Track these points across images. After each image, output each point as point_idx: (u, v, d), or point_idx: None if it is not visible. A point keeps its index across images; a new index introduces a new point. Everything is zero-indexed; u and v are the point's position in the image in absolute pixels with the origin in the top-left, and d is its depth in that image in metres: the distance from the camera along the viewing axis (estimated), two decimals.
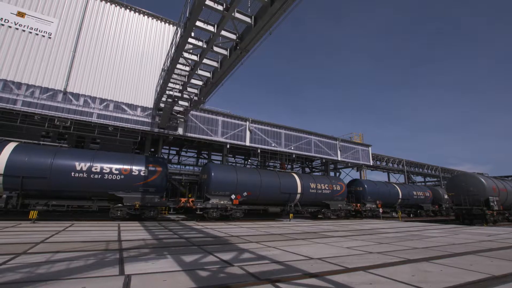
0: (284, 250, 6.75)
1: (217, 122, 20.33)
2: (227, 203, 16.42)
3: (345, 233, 11.08)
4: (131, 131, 17.35)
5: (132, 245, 6.89)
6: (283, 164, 24.64)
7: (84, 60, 16.57)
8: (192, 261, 5.27)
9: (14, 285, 3.55)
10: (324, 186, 20.98)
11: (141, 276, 4.16)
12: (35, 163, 12.31)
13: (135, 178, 14.17)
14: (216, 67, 11.15)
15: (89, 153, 14.05)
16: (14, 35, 15.00)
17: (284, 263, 5.30)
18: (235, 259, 5.58)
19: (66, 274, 4.11)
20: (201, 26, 8.63)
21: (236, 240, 8.42)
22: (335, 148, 26.76)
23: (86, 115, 15.92)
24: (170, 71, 11.60)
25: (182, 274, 4.34)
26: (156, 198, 14.69)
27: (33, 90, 14.88)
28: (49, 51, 15.69)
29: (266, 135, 22.52)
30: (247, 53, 9.38)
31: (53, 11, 16.24)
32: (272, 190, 18.30)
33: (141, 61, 18.45)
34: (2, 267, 4.36)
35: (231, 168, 17.97)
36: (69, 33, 16.43)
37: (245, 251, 6.56)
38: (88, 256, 5.43)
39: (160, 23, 19.82)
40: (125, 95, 17.32)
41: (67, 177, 12.76)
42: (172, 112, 16.17)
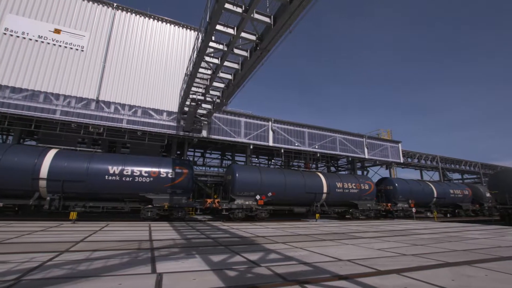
0: (311, 251, 6.62)
1: (239, 124, 20.52)
2: (252, 204, 16.49)
3: (375, 234, 10.63)
4: (158, 135, 18.07)
5: (162, 244, 7.15)
6: (307, 164, 24.23)
7: (113, 70, 17.56)
8: (220, 261, 5.35)
9: (59, 280, 3.83)
10: (351, 185, 20.32)
11: (172, 275, 4.29)
12: (73, 168, 13.26)
13: (163, 180, 14.72)
14: (237, 69, 11.24)
15: (121, 157, 14.84)
16: (52, 50, 16.30)
17: (311, 264, 5.19)
18: (262, 260, 5.57)
19: (104, 271, 4.36)
20: (221, 29, 8.74)
21: (262, 240, 8.41)
22: (362, 146, 25.81)
23: (117, 121, 16.84)
24: (193, 75, 11.90)
25: (210, 274, 4.41)
26: (183, 199, 15.15)
27: (69, 100, 16.04)
28: (82, 63, 16.83)
29: (289, 135, 22.31)
30: (267, 53, 9.35)
31: (85, 25, 17.40)
32: (297, 190, 18.08)
33: (165, 68, 19.16)
34: (48, 264, 4.72)
35: (255, 168, 18.04)
36: (99, 45, 17.51)
37: (271, 251, 6.53)
38: (122, 254, 5.72)
39: (182, 30, 20.44)
40: (152, 100, 18.08)
41: (102, 180, 13.58)
42: (196, 115, 16.58)
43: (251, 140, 20.63)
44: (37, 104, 15.33)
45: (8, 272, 4.15)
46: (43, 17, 16.51)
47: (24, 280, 3.79)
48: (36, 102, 15.34)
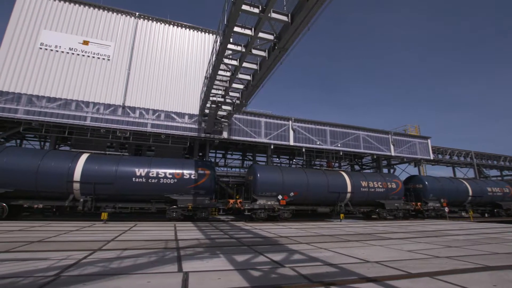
0: (336, 252, 6.45)
1: (260, 124, 20.54)
2: (274, 204, 16.43)
3: (404, 235, 10.15)
4: (180, 137, 18.59)
5: (187, 244, 7.32)
6: (330, 163, 23.71)
7: (137, 76, 18.35)
8: (243, 261, 5.37)
9: (93, 277, 4.04)
10: (377, 184, 19.58)
11: (198, 274, 4.37)
12: (103, 171, 14.00)
13: (187, 181, 15.10)
14: (256, 69, 11.26)
15: (146, 160, 15.45)
16: (81, 61, 17.36)
17: (337, 266, 5.05)
18: (286, 260, 5.52)
19: (134, 270, 4.54)
20: (239, 31, 8.79)
21: (285, 241, 8.34)
22: (387, 143, 24.78)
23: (142, 126, 17.56)
24: (212, 78, 12.10)
25: (235, 273, 4.44)
26: (206, 199, 15.44)
27: (98, 107, 16.99)
28: (109, 71, 17.76)
29: (310, 133, 21.97)
30: (285, 52, 9.27)
31: (110, 35, 18.36)
32: (320, 190, 17.74)
33: (186, 72, 19.67)
34: (83, 261, 5.01)
35: (276, 168, 17.96)
36: (123, 54, 18.38)
37: (295, 252, 6.45)
38: (150, 253, 5.93)
39: (200, 34, 20.88)
40: (174, 104, 18.65)
41: (129, 182, 14.21)
42: (217, 117, 16.84)
43: (271, 140, 20.58)
44: (70, 112, 16.40)
45: (49, 268, 4.46)
46: (73, 30, 17.64)
47: (62, 276, 4.05)
48: (69, 110, 16.41)
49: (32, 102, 15.90)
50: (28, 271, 4.30)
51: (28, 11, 17.04)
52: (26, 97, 15.86)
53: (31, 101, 15.89)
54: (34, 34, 16.85)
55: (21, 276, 3.98)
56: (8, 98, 15.55)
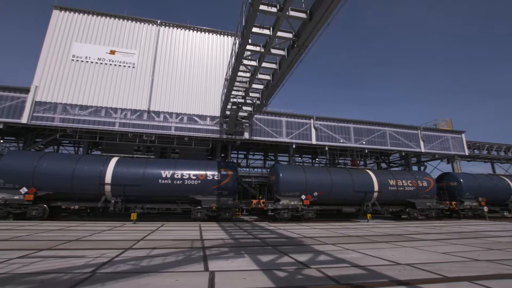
0: (364, 254, 6.22)
1: (281, 123, 20.42)
2: (298, 204, 16.24)
3: (438, 236, 9.57)
4: (203, 139, 18.99)
5: (212, 244, 7.44)
6: (355, 161, 22.96)
7: (160, 81, 19.02)
8: (268, 261, 5.35)
9: (125, 274, 4.24)
10: (407, 182, 18.66)
11: (223, 273, 4.42)
12: (132, 173, 14.67)
13: (210, 182, 15.39)
14: (275, 69, 11.21)
15: (171, 162, 15.95)
16: (109, 69, 18.35)
17: (365, 268, 4.87)
18: (311, 261, 5.42)
19: (162, 268, 4.70)
20: (257, 31, 8.80)
21: (310, 241, 8.20)
22: (417, 139, 23.52)
23: (166, 129, 18.17)
24: (232, 79, 12.22)
25: (260, 274, 4.43)
26: (229, 200, 15.62)
27: (125, 112, 17.84)
28: (134, 78, 18.59)
29: (333, 131, 21.45)
30: (305, 49, 9.13)
31: (134, 44, 19.22)
32: (345, 189, 17.26)
33: (206, 75, 20.06)
34: (116, 259, 5.27)
35: (299, 168, 17.75)
36: (147, 60, 19.15)
37: (321, 253, 6.32)
38: (177, 252, 6.10)
39: (219, 37, 21.20)
40: (196, 107, 19.10)
41: (156, 183, 14.75)
42: (238, 118, 16.99)
43: (293, 139, 20.37)
44: (100, 118, 17.39)
45: (85, 265, 4.75)
46: (101, 41, 18.70)
47: (98, 273, 4.29)
48: (99, 116, 17.40)
49: (66, 111, 17.06)
50: (67, 267, 4.60)
51: (61, 26, 18.33)
52: (61, 106, 17.06)
53: (65, 110, 17.06)
54: (66, 47, 18.09)
55: (62, 272, 4.27)
56: (46, 108, 16.83)
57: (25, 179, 13.58)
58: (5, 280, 3.83)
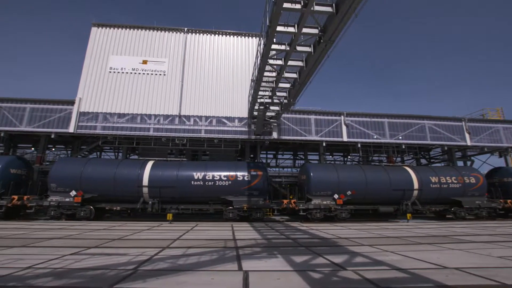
0: (405, 256, 5.83)
1: (309, 121, 20.04)
2: (331, 203, 15.77)
3: (491, 238, 8.65)
4: (232, 141, 19.33)
5: (245, 244, 7.50)
6: (391, 157, 21.70)
7: (189, 86, 19.75)
8: (302, 262, 5.24)
9: (164, 272, 4.43)
10: (451, 179, 17.19)
11: (257, 273, 4.41)
12: (166, 176, 15.38)
13: (240, 183, 15.57)
14: (302, 66, 11.01)
15: (202, 164, 16.45)
16: (142, 78, 19.49)
17: (407, 271, 4.55)
18: (347, 263, 5.21)
19: (198, 267, 4.83)
20: (282, 30, 8.71)
21: (345, 242, 7.90)
22: (461, 131, 21.57)
23: (197, 132, 18.80)
24: (259, 80, 12.25)
25: (294, 274, 4.36)
26: (260, 200, 15.67)
27: (158, 118, 18.79)
28: (165, 85, 19.53)
29: (366, 127, 20.52)
30: (332, 44, 8.83)
31: (164, 53, 20.21)
32: (381, 187, 16.39)
33: (233, 77, 20.39)
34: (155, 257, 5.54)
35: (330, 166, 17.24)
36: (176, 67, 20.01)
37: (357, 254, 6.04)
38: (212, 252, 6.24)
39: (244, 38, 21.43)
40: (224, 109, 19.50)
41: (189, 185, 15.30)
42: (265, 118, 17.00)
43: (323, 137, 19.87)
44: (136, 124, 18.53)
45: (128, 262, 5.05)
46: (134, 52, 19.96)
47: (139, 270, 4.54)
48: (135, 123, 18.55)
49: (106, 119, 18.44)
50: (112, 264, 4.94)
51: (99, 42, 19.90)
52: (102, 115, 18.47)
53: (106, 118, 18.45)
54: (104, 60, 19.58)
55: (108, 268, 4.59)
56: (89, 117, 18.35)
57: (74, 183, 14.91)
58: (61, 274, 4.21)
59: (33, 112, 18.40)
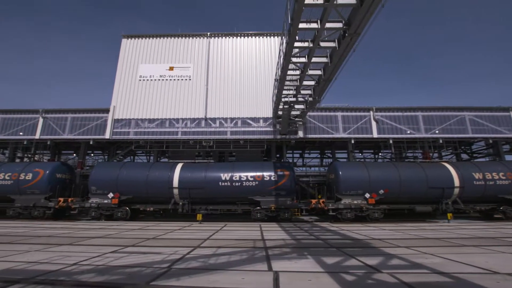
0: (447, 259, 5.41)
1: (336, 119, 19.48)
2: (362, 203, 15.16)
3: None
4: (257, 141, 19.38)
5: (274, 244, 7.46)
6: (426, 153, 20.29)
7: (214, 89, 20.18)
8: (333, 263, 5.08)
9: (196, 270, 4.55)
10: (498, 175, 15.67)
11: (287, 274, 4.36)
12: (195, 177, 15.82)
13: (267, 183, 15.55)
14: (326, 62, 10.72)
15: (229, 165, 16.68)
16: (169, 84, 20.31)
17: (451, 275, 4.21)
18: (382, 265, 4.95)
19: (228, 266, 4.89)
20: (304, 26, 8.54)
21: (379, 243, 7.53)
22: (508, 122, 19.57)
23: (222, 134, 19.15)
24: (282, 79, 12.14)
25: (325, 276, 4.24)
26: (288, 200, 15.52)
27: (186, 122, 19.44)
28: (191, 89, 20.16)
29: (398, 122, 19.45)
30: (358, 37, 8.49)
31: (189, 58, 20.90)
32: (416, 185, 15.40)
33: (256, 77, 20.47)
34: (187, 256, 5.72)
35: (360, 164, 16.58)
36: (201, 71, 20.57)
37: (393, 256, 5.73)
38: (241, 252, 6.29)
39: (266, 38, 21.43)
40: (248, 110, 19.65)
41: (217, 186, 15.59)
42: (290, 117, 16.82)
43: (351, 134, 19.20)
44: (165, 129, 19.36)
45: (162, 261, 5.27)
46: (161, 60, 20.88)
47: (173, 268, 4.71)
48: (164, 127, 19.38)
49: (138, 125, 19.47)
50: (148, 262, 5.18)
51: (129, 52, 21.12)
52: (134, 121, 19.55)
53: (137, 124, 19.49)
54: (134, 69, 20.71)
55: (144, 266, 4.82)
56: (122, 124, 19.52)
57: (111, 185, 15.92)
58: (103, 271, 4.51)
59: (73, 121, 20.03)
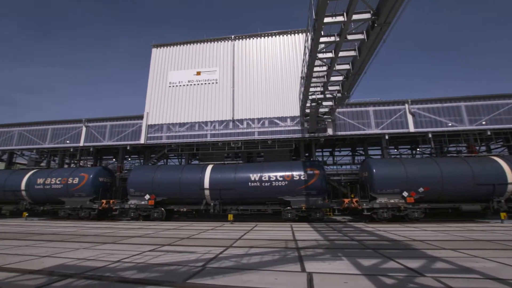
0: (502, 263, 4.88)
1: (367, 114, 18.62)
2: (399, 202, 14.31)
3: None
4: (285, 140, 19.21)
5: (306, 244, 7.32)
6: (472, 147, 18.54)
7: (240, 91, 20.40)
8: (371, 266, 4.84)
9: (229, 270, 4.60)
10: None
11: (321, 275, 4.24)
12: (225, 178, 16.12)
13: (297, 183, 15.33)
14: (355, 56, 10.29)
15: (258, 165, 16.74)
16: (197, 89, 20.95)
17: (509, 282, 3.78)
18: (425, 268, 4.61)
19: (261, 266, 4.88)
20: (330, 21, 8.29)
21: (420, 245, 7.03)
22: None
23: (250, 135, 19.28)
24: (309, 76, 11.90)
25: (363, 279, 4.04)
26: (319, 200, 15.16)
27: (214, 124, 19.89)
28: (218, 92, 20.60)
29: (437, 114, 18.05)
30: (388, 26, 8.03)
31: (215, 62, 21.38)
32: (461, 182, 14.15)
33: (282, 76, 20.31)
34: (220, 256, 5.82)
35: (395, 161, 15.66)
36: (227, 74, 20.93)
37: (437, 259, 5.30)
38: (273, 252, 6.26)
39: (290, 36, 21.18)
40: (275, 110, 19.56)
41: (246, 186, 15.73)
42: (318, 115, 16.42)
43: (384, 129, 18.23)
44: (195, 132, 19.99)
45: (197, 260, 5.42)
46: (189, 65, 21.63)
47: (207, 267, 4.82)
48: (194, 131, 20.02)
49: (170, 129, 20.36)
50: (183, 260, 5.36)
51: (159, 60, 22.20)
52: (166, 126, 20.48)
53: (169, 129, 20.38)
54: (164, 76, 21.70)
55: (180, 265, 5.00)
56: (155, 129, 20.55)
57: (147, 188, 16.83)
58: (143, 268, 4.76)
59: (112, 128, 21.54)
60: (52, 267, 4.89)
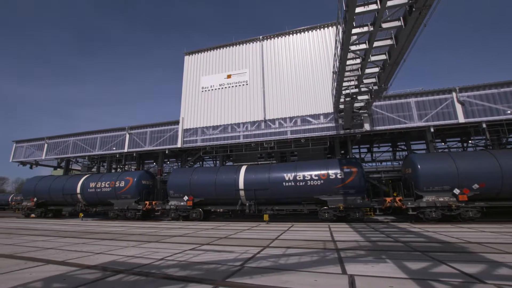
0: None
1: (409, 106, 17.32)
2: (450, 200, 13.07)
3: None
4: (319, 138, 18.69)
5: (346, 245, 7.02)
6: None
7: (271, 91, 20.34)
8: (419, 269, 4.47)
9: (267, 270, 4.59)
10: None
11: (364, 278, 4.02)
12: (259, 179, 16.19)
13: (333, 181, 14.82)
14: (392, 44, 9.65)
15: (292, 165, 16.52)
16: (228, 92, 21.37)
17: None
18: (485, 274, 4.11)
19: (299, 267, 4.79)
20: (362, 10, 7.88)
21: (477, 248, 6.32)
22: None
23: (283, 134, 19.12)
24: (342, 70, 11.43)
25: (411, 283, 3.74)
26: (358, 199, 14.48)
27: (246, 125, 20.11)
28: (248, 93, 20.78)
29: (491, 102, 16.14)
30: (429, 9, 7.39)
31: (244, 64, 21.61)
32: None
33: (313, 72, 19.82)
34: (257, 256, 5.84)
35: (443, 155, 14.34)
36: (257, 75, 21.01)
37: (499, 264, 4.71)
38: (311, 253, 6.10)
39: (319, 31, 20.57)
40: (307, 107, 19.14)
41: (280, 186, 15.62)
42: (354, 110, 15.71)
43: (429, 121, 16.81)
44: (228, 134, 20.41)
45: (235, 259, 5.51)
46: (219, 70, 22.18)
47: (245, 267, 4.86)
48: (227, 133, 20.45)
49: (204, 132, 21.07)
50: (222, 259, 5.48)
51: (191, 67, 23.12)
52: (200, 130, 21.24)
53: (203, 132, 21.10)
54: (197, 82, 22.54)
55: (219, 263, 5.12)
56: (191, 133, 21.43)
57: (185, 189, 17.60)
58: (185, 266, 4.97)
59: (152, 134, 22.98)
60: (105, 263, 5.33)
